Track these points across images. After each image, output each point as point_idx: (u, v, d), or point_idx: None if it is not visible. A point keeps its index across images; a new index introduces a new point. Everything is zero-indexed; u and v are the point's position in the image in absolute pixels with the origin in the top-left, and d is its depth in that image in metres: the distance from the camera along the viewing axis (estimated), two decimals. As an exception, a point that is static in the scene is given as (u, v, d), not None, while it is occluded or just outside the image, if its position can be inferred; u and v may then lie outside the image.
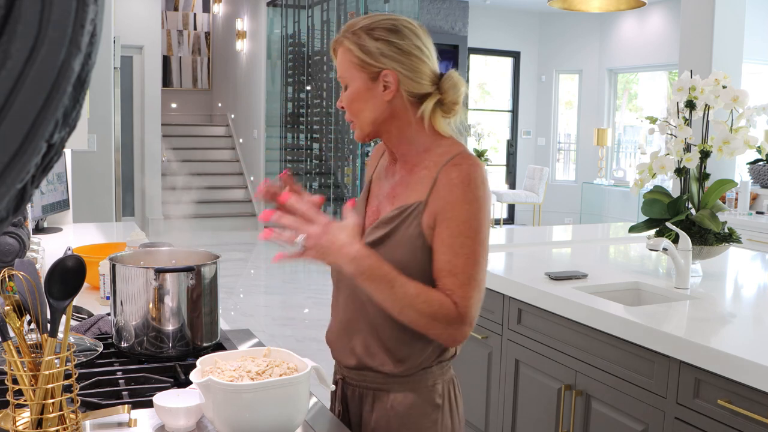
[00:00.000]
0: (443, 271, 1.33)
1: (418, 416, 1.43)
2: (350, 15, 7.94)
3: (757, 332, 2.07)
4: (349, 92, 1.38)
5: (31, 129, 0.36)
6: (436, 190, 1.34)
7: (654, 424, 1.97)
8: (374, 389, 1.44)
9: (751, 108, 2.52)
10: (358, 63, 1.36)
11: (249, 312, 5.87)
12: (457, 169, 1.34)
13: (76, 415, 1.16)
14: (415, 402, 1.43)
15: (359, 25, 1.37)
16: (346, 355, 1.47)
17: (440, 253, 1.33)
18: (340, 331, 1.49)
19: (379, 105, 1.37)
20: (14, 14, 0.34)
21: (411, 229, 1.35)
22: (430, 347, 1.42)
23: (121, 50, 7.32)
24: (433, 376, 1.45)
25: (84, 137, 3.25)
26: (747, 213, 5.04)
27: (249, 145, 10.43)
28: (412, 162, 1.42)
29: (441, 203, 1.33)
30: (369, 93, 1.37)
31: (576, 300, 2.24)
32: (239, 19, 10.57)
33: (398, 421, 1.42)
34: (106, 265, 1.95)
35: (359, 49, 1.35)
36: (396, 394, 1.43)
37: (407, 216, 1.36)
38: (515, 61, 10.65)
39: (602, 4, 3.97)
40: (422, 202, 1.35)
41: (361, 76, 1.36)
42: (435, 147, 1.40)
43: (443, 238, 1.33)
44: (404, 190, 1.41)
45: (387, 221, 1.39)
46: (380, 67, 1.35)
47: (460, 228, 1.32)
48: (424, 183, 1.37)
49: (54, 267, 1.14)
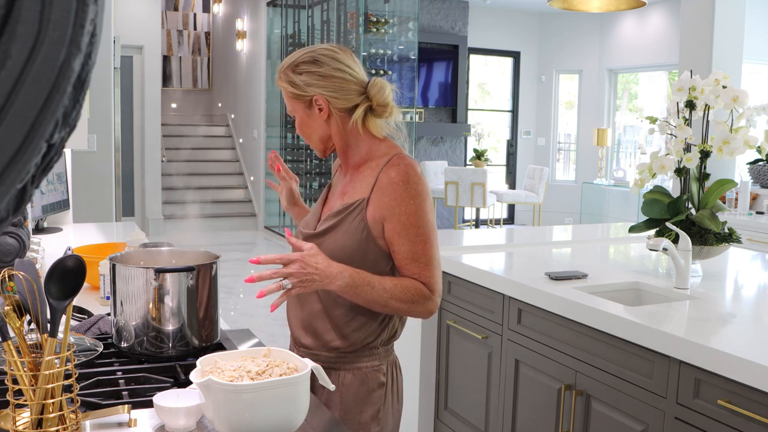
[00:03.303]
0: (406, 259, 1.55)
1: (364, 393, 1.62)
2: (350, 15, 7.94)
3: (757, 332, 2.07)
4: (297, 121, 1.64)
5: (31, 129, 0.36)
6: (378, 189, 1.56)
7: (654, 424, 1.97)
8: (326, 368, 1.56)
9: (751, 108, 2.52)
10: (293, 96, 1.60)
11: (249, 312, 5.87)
12: (396, 170, 1.56)
13: (76, 415, 1.16)
14: (363, 380, 1.62)
15: (286, 65, 1.61)
16: (302, 334, 1.66)
17: (399, 244, 1.55)
18: (295, 314, 1.68)
19: (320, 125, 1.61)
20: (14, 14, 0.34)
21: (356, 222, 1.57)
22: (373, 325, 1.62)
23: (121, 50, 7.33)
24: (379, 357, 1.65)
25: (84, 137, 3.25)
26: (747, 213, 5.04)
27: (249, 145, 10.42)
28: (357, 164, 1.65)
29: (386, 200, 1.54)
30: (310, 118, 1.61)
31: (576, 300, 2.24)
32: (239, 19, 10.57)
33: (347, 397, 1.61)
34: (106, 265, 1.95)
35: (290, 85, 1.59)
36: (345, 372, 1.62)
37: (351, 211, 1.58)
38: (515, 61, 10.65)
39: (602, 4, 3.97)
40: (365, 198, 1.58)
41: (299, 106, 1.61)
42: (374, 150, 1.63)
43: (398, 231, 1.54)
44: (351, 189, 1.64)
45: (334, 215, 1.61)
46: (310, 95, 1.58)
47: (411, 220, 1.54)
48: (366, 182, 1.60)
49: (54, 267, 1.14)
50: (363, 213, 1.57)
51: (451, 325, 2.88)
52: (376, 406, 1.63)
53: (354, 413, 1.61)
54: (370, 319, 1.61)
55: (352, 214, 1.58)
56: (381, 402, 1.64)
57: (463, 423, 2.84)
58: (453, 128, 9.78)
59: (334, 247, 1.56)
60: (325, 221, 1.62)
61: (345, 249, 1.56)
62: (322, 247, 1.56)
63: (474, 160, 9.20)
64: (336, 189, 1.72)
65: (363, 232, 1.56)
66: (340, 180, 1.72)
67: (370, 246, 1.57)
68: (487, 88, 10.95)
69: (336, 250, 1.55)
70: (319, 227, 1.63)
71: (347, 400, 1.61)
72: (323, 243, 1.58)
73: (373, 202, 1.56)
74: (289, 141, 9.47)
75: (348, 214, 1.58)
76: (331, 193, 1.73)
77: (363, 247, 1.56)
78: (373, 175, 1.59)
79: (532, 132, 10.84)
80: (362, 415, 1.62)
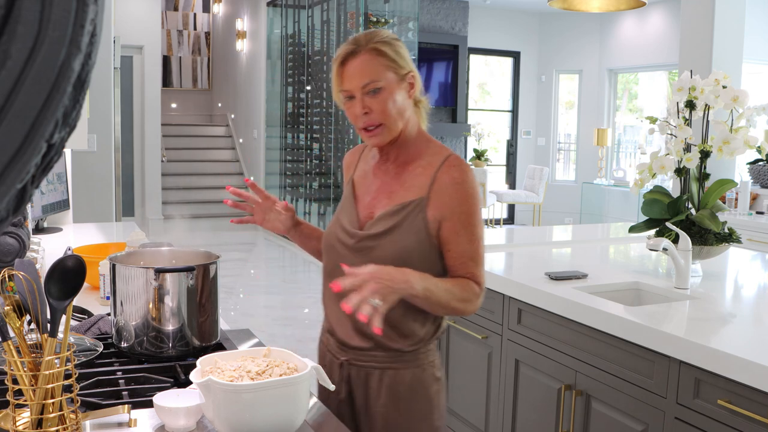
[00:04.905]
0: (462, 258, 1.54)
1: (422, 389, 1.60)
2: (350, 15, 7.94)
3: (757, 332, 2.07)
4: (387, 93, 1.52)
5: (31, 129, 0.36)
6: (438, 189, 1.53)
7: (654, 424, 1.97)
8: (381, 368, 1.58)
9: (751, 108, 2.52)
10: (391, 65, 1.52)
11: (249, 312, 5.87)
12: (457, 170, 1.54)
13: (76, 415, 1.16)
14: (421, 377, 1.60)
15: (382, 35, 1.54)
16: (355, 337, 1.60)
17: (456, 243, 1.54)
18: (342, 317, 1.59)
19: (406, 104, 1.56)
20: (14, 14, 0.34)
21: (416, 221, 1.53)
22: (428, 322, 1.60)
23: (121, 50, 7.32)
24: (433, 352, 1.64)
25: (84, 137, 3.25)
26: (747, 213, 5.04)
27: (249, 145, 10.42)
28: (404, 161, 1.60)
29: (447, 200, 1.52)
30: (399, 94, 1.54)
31: (576, 300, 2.24)
32: (239, 19, 10.57)
33: (406, 396, 1.58)
34: (106, 265, 1.95)
35: (394, 52, 1.52)
36: (404, 371, 1.58)
37: (411, 210, 1.54)
38: (515, 61, 10.65)
39: (602, 4, 3.97)
40: (424, 197, 1.54)
41: (393, 78, 1.52)
42: (424, 147, 1.60)
43: (457, 230, 1.53)
44: (400, 187, 1.58)
45: (390, 214, 1.55)
46: (407, 70, 1.54)
47: (470, 220, 1.53)
48: (420, 181, 1.56)
49: (54, 267, 1.14)
50: (423, 212, 1.53)
51: (451, 325, 2.88)
52: (434, 401, 1.62)
53: (415, 411, 1.59)
54: (425, 315, 1.58)
55: (412, 213, 1.54)
56: (437, 396, 1.63)
57: (463, 423, 2.84)
58: (453, 128, 9.78)
59: (395, 247, 1.53)
60: (381, 221, 1.56)
61: (407, 249, 1.52)
62: (381, 248, 1.54)
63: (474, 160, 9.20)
64: (370, 188, 1.64)
65: (423, 232, 1.53)
66: (375, 177, 1.65)
67: (429, 246, 1.54)
68: (487, 88, 10.95)
69: (397, 251, 1.52)
70: (375, 227, 1.56)
71: (407, 398, 1.59)
72: (382, 244, 1.54)
73: (434, 202, 1.53)
74: (289, 141, 9.47)
75: (408, 213, 1.54)
76: (364, 191, 1.65)
77: (422, 247, 1.54)
78: (427, 174, 1.55)
79: (532, 132, 10.84)
80: (423, 412, 1.60)
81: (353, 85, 1.52)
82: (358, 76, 1.51)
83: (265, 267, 7.93)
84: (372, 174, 1.65)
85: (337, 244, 1.62)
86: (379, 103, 1.51)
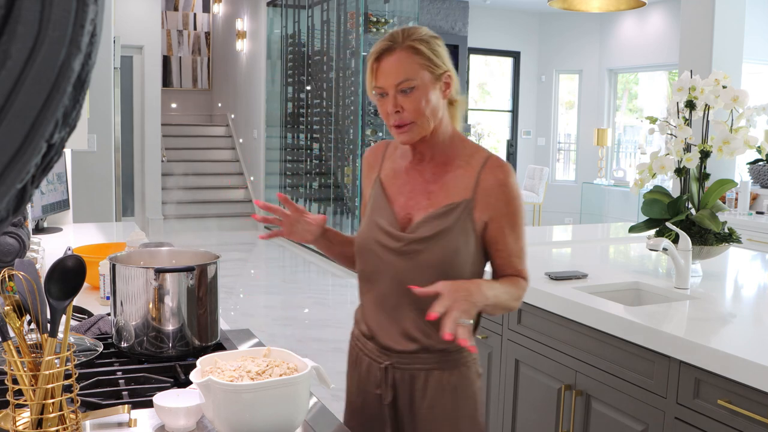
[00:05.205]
0: (511, 256, 1.57)
1: (467, 387, 1.61)
2: (350, 15, 7.94)
3: (757, 332, 2.07)
4: (421, 92, 1.49)
5: (31, 129, 0.36)
6: (483, 190, 1.53)
7: (654, 424, 1.97)
8: (426, 369, 1.57)
9: (751, 108, 2.52)
10: (427, 64, 1.49)
11: (249, 312, 5.87)
12: (501, 171, 1.55)
13: (76, 415, 1.16)
14: (465, 374, 1.61)
15: (421, 33, 1.51)
16: (401, 341, 1.58)
17: (505, 243, 1.56)
18: (385, 322, 1.60)
19: (440, 104, 1.53)
20: (14, 14, 0.34)
21: (465, 223, 1.53)
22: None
23: (121, 50, 7.32)
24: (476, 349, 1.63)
25: (84, 137, 3.25)
26: (747, 213, 5.04)
27: (249, 145, 10.42)
28: (441, 161, 1.59)
29: (493, 201, 1.53)
30: (434, 93, 1.51)
31: (576, 300, 2.24)
32: (239, 19, 10.56)
33: (451, 395, 1.58)
34: (106, 265, 1.95)
35: (431, 52, 1.50)
36: (450, 371, 1.58)
37: (460, 212, 1.53)
38: (515, 61, 10.65)
39: (602, 4, 3.97)
40: (469, 199, 1.54)
41: (427, 77, 1.50)
42: (459, 147, 1.59)
43: (506, 230, 1.55)
44: (440, 189, 1.57)
45: (436, 217, 1.54)
46: (444, 70, 1.52)
47: (516, 219, 1.55)
48: (462, 182, 1.55)
49: (54, 267, 1.14)
50: (470, 214, 1.53)
51: (451, 325, 2.88)
52: (477, 397, 1.63)
53: (460, 409, 1.60)
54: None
55: (462, 215, 1.53)
56: (480, 392, 1.65)
57: (463, 423, 2.84)
58: (453, 128, 9.76)
59: (446, 250, 1.52)
60: (427, 224, 1.54)
61: (458, 251, 1.52)
62: (429, 251, 1.52)
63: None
64: (404, 187, 1.61)
65: (470, 233, 1.53)
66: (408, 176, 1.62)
67: (475, 247, 1.55)
68: (487, 88, 10.95)
69: (448, 253, 1.52)
70: (422, 230, 1.54)
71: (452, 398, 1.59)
72: (430, 247, 1.53)
73: (480, 204, 1.53)
74: (289, 141, 9.47)
75: (457, 216, 1.53)
76: (396, 192, 1.62)
77: (469, 249, 1.54)
78: (469, 176, 1.55)
79: (532, 132, 10.84)
80: (468, 410, 1.61)
81: (387, 83, 1.49)
82: (392, 73, 1.48)
83: (265, 267, 7.93)
84: (405, 173, 1.62)
85: (377, 247, 1.58)
86: (411, 102, 1.49)
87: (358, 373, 1.67)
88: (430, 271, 1.52)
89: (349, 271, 7.16)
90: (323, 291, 6.72)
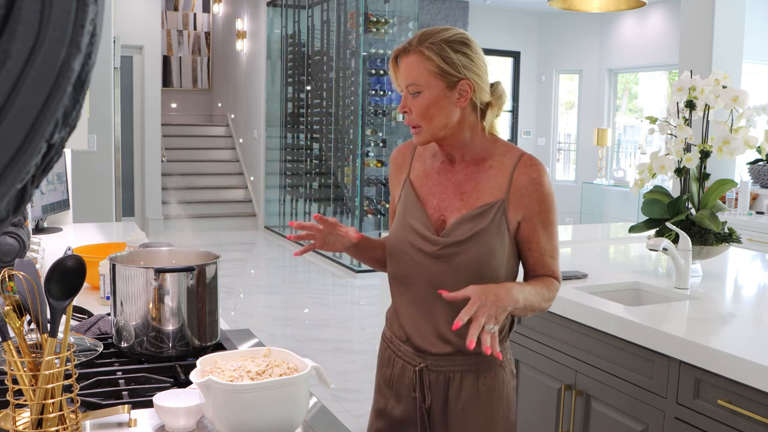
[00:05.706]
0: (544, 256, 1.56)
1: (502, 388, 1.61)
2: (350, 15, 7.94)
3: (757, 332, 2.07)
4: (425, 99, 1.49)
5: (31, 129, 0.36)
6: (517, 189, 1.53)
7: (654, 424, 1.97)
8: (462, 371, 1.57)
9: (751, 108, 2.52)
10: (438, 72, 1.47)
11: (249, 312, 5.87)
12: (534, 170, 1.54)
13: (76, 415, 1.16)
14: (500, 375, 1.60)
15: (439, 37, 1.48)
16: (437, 344, 1.57)
17: (538, 242, 1.55)
18: (420, 324, 1.59)
19: (453, 111, 1.50)
20: (14, 14, 0.34)
21: (500, 224, 1.53)
22: (506, 321, 1.59)
23: (121, 50, 7.32)
24: (508, 349, 1.65)
25: (84, 137, 3.25)
26: (747, 213, 5.04)
27: (249, 145, 10.42)
28: (472, 162, 1.57)
29: (527, 201, 1.53)
30: (444, 100, 1.49)
31: (576, 300, 2.24)
32: (239, 19, 10.56)
33: (486, 396, 1.58)
34: (106, 265, 1.95)
35: (442, 59, 1.47)
36: (485, 372, 1.58)
37: (495, 212, 1.53)
38: (515, 61, 10.65)
39: (602, 4, 3.97)
40: (503, 200, 1.53)
41: (439, 84, 1.48)
42: (489, 147, 1.57)
43: (539, 230, 1.54)
44: (472, 189, 1.56)
45: (474, 217, 1.53)
46: (459, 77, 1.48)
47: (549, 218, 1.55)
48: (495, 182, 1.54)
49: (54, 267, 1.14)
50: (505, 214, 1.52)
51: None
52: (510, 397, 1.63)
53: (495, 409, 1.59)
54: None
55: (496, 215, 1.52)
56: (514, 393, 1.65)
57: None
58: (453, 128, 9.77)
59: (481, 252, 1.51)
60: (461, 226, 1.53)
61: (493, 252, 1.51)
62: (465, 253, 1.52)
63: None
64: (435, 188, 1.60)
65: (505, 233, 1.53)
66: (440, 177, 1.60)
67: (509, 246, 1.54)
68: (487, 88, 10.94)
69: (483, 255, 1.51)
70: (458, 233, 1.53)
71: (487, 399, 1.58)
72: (466, 249, 1.52)
73: (514, 203, 1.52)
74: (289, 141, 9.47)
75: (492, 216, 1.52)
76: (428, 193, 1.61)
77: (503, 249, 1.53)
78: (503, 175, 1.54)
79: (532, 132, 10.84)
80: (501, 410, 1.61)
81: (401, 83, 1.53)
82: (404, 75, 1.51)
83: (265, 267, 7.93)
84: (436, 174, 1.61)
85: (411, 250, 1.57)
86: (417, 106, 1.50)
87: (390, 374, 1.66)
88: (466, 272, 1.51)
89: (349, 272, 7.16)
90: (323, 291, 6.72)
